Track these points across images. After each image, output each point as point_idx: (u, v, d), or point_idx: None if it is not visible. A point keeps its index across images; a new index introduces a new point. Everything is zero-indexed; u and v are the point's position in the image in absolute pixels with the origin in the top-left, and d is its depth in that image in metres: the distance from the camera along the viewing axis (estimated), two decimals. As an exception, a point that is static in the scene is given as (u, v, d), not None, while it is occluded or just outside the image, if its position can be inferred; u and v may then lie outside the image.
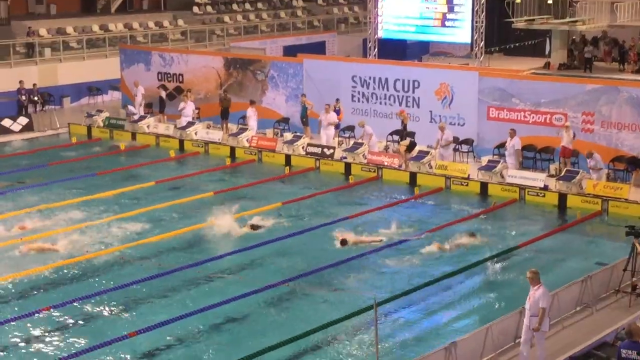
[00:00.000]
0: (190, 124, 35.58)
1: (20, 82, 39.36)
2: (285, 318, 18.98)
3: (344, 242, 22.44)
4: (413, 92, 33.19)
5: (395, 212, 26.60)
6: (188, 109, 36.05)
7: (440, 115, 32.32)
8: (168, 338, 17.85)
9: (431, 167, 29.85)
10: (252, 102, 35.22)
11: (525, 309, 16.13)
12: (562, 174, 27.84)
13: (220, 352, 17.28)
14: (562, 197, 26.99)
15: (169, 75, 39.59)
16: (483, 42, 38.85)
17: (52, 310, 18.97)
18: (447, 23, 38.88)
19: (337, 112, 33.67)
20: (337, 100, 33.62)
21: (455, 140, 31.23)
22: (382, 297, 19.21)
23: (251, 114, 34.86)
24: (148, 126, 36.49)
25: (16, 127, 37.35)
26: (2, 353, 17.25)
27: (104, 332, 18.07)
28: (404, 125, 31.76)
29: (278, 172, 31.26)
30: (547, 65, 42.22)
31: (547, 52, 43.44)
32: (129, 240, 23.68)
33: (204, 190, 28.52)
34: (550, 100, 30.21)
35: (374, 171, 30.43)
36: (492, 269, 21.90)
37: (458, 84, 32.21)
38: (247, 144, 33.78)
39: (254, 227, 22.70)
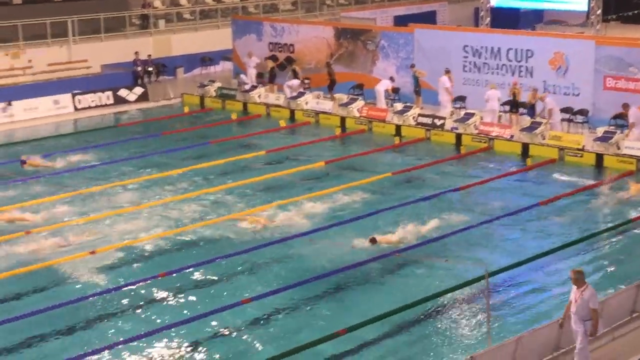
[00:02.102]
0: (300, 94, 35.79)
1: (136, 53, 40.27)
2: (398, 286, 18.98)
3: (373, 241, 20.87)
4: (526, 61, 32.58)
5: (507, 183, 26.28)
6: (294, 82, 36.27)
7: (554, 85, 31.66)
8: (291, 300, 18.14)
9: (544, 138, 29.31)
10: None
11: (571, 313, 14.40)
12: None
13: (337, 316, 17.40)
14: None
15: (279, 46, 39.85)
16: (600, 10, 37.80)
17: (167, 275, 19.47)
18: (562, -9, 38.01)
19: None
20: (447, 70, 33.24)
21: (570, 110, 30.58)
22: (493, 267, 19.03)
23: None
24: (259, 96, 36.86)
25: (132, 97, 38.25)
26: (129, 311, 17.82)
27: (218, 296, 18.47)
28: (515, 98, 31.18)
29: (388, 142, 31.20)
30: (666, 34, 40.90)
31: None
32: (244, 208, 24.02)
33: (315, 160, 28.68)
34: (670, 70, 29.29)
35: (485, 142, 30.05)
36: (608, 242, 21.43)
37: (573, 53, 31.46)
38: (357, 114, 33.78)
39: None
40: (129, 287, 18.92)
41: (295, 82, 36.45)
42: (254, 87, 37.33)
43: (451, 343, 16.48)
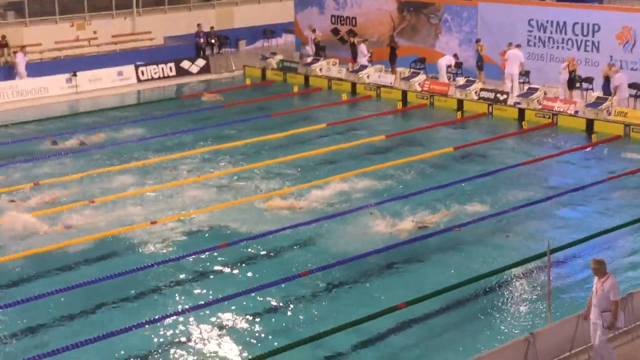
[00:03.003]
0: (362, 67, 35.65)
1: (198, 25, 40.45)
2: (457, 262, 18.87)
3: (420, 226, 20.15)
4: (592, 35, 31.96)
5: (571, 160, 25.90)
6: (363, 48, 36.13)
7: (620, 60, 31.02)
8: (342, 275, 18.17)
9: (609, 114, 28.78)
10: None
11: (592, 305, 13.77)
12: None
13: (395, 291, 17.34)
14: None
15: (342, 19, 39.67)
16: (670, -17, 36.92)
17: (228, 247, 19.56)
18: (631, -37, 37.13)
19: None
20: (510, 44, 32.71)
21: (637, 86, 29.97)
22: (556, 244, 18.78)
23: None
24: (321, 69, 36.79)
25: (194, 68, 38.47)
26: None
27: (279, 268, 18.57)
28: (573, 73, 30.60)
29: (450, 117, 30.95)
30: None
31: None
32: (305, 180, 24.03)
33: (376, 134, 28.56)
34: None
35: (549, 117, 29.63)
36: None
37: (642, 28, 30.81)
38: (419, 88, 33.54)
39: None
40: (188, 257, 19.03)
41: (309, 49, 36.98)
42: (315, 60, 37.26)
43: (511, 319, 16.34)
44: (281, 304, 16.98)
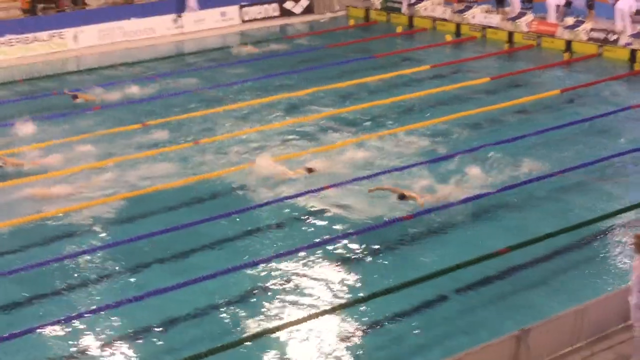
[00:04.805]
0: (467, 7, 34.94)
1: (302, -35, 40.21)
2: (558, 209, 18.49)
3: (402, 197, 18.39)
4: None
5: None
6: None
7: None
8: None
9: None
10: None
11: (632, 284, 12.32)
12: None
13: (495, 236, 17.19)
14: None
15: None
16: None
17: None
18: None
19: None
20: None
21: None
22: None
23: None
24: (425, 9, 36.23)
25: (297, 9, 38.36)
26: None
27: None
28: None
29: (557, 58, 30.17)
30: None
31: None
32: (407, 122, 23.83)
33: (480, 76, 28.07)
34: None
35: (662, 59, 28.66)
36: None
37: None
38: (525, 29, 32.73)
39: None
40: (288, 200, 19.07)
41: None
42: (419, 0, 36.67)
43: (605, 271, 15.91)
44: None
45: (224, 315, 14.69)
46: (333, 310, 14.57)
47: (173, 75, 29.34)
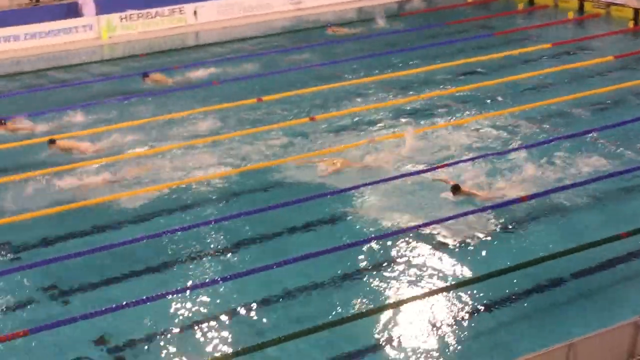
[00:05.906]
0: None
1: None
2: None
3: (456, 188, 17.63)
4: None
5: None
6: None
7: None
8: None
9: None
10: None
11: None
12: None
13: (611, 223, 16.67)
14: None
15: None
16: None
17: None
18: None
19: None
20: None
21: None
22: None
23: None
24: (547, -14, 35.31)
25: (415, -14, 37.89)
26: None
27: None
28: None
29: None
30: None
31: None
32: (524, 102, 23.31)
33: (604, 54, 27.16)
34: None
35: None
36: None
37: None
38: (653, 6, 31.55)
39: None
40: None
41: None
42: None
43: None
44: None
45: (319, 296, 14.50)
46: (447, 289, 14.42)
47: (288, 52, 29.40)
